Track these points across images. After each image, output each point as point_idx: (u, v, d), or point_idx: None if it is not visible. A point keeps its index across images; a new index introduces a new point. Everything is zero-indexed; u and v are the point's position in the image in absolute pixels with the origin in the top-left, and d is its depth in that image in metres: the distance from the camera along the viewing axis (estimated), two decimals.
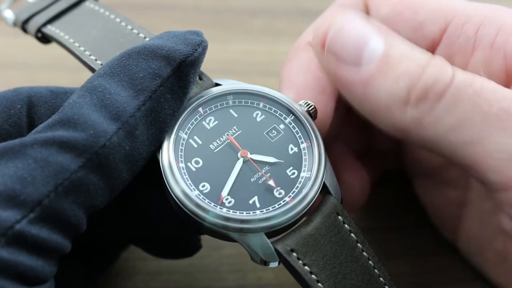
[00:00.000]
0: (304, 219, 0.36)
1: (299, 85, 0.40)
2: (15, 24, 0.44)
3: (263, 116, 0.37)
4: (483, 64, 0.39)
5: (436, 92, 0.36)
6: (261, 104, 0.38)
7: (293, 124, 0.37)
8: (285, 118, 0.38)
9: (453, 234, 0.47)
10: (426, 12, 0.41)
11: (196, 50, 0.35)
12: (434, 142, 0.37)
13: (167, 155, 0.35)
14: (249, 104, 0.38)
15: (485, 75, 0.37)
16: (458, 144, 0.36)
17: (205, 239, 0.41)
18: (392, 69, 0.36)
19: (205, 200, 0.35)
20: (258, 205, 0.35)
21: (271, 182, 0.35)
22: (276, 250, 0.34)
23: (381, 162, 0.50)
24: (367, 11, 0.43)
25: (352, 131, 0.47)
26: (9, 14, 0.44)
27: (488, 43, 0.39)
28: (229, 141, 0.36)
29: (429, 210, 0.49)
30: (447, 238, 0.48)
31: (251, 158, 0.36)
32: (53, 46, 0.43)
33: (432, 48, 0.41)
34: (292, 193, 0.35)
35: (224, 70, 0.59)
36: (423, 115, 0.36)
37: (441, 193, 0.47)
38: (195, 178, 0.35)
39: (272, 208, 0.35)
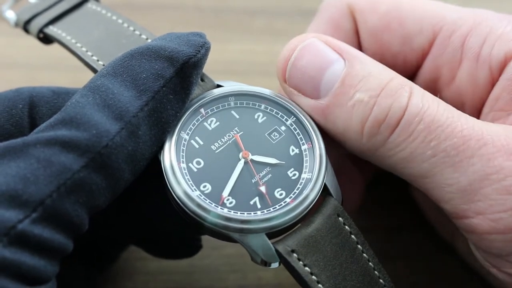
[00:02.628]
0: (304, 220, 0.36)
1: None
2: (17, 24, 0.44)
3: (265, 118, 0.38)
4: (469, 76, 0.40)
5: (388, 125, 0.36)
6: (263, 106, 0.38)
7: (294, 125, 0.38)
8: (286, 120, 0.38)
9: (450, 235, 0.47)
10: (413, 23, 0.41)
11: (199, 51, 0.35)
12: (392, 170, 0.37)
13: (169, 155, 0.35)
14: (250, 105, 0.38)
15: (441, 98, 0.37)
16: (412, 176, 0.37)
17: (206, 239, 0.41)
18: (347, 100, 0.36)
19: (206, 200, 0.35)
20: (259, 206, 0.35)
21: (263, 189, 0.35)
22: (276, 250, 0.34)
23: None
24: (354, 22, 0.43)
25: None
26: (11, 15, 0.44)
27: (474, 55, 0.39)
28: (230, 142, 0.36)
29: (426, 212, 0.49)
30: (445, 239, 0.48)
31: (252, 159, 0.36)
32: (54, 46, 0.43)
33: (421, 59, 0.41)
34: (293, 194, 0.36)
35: (224, 70, 0.59)
36: (377, 147, 0.37)
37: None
38: (197, 178, 0.35)
39: (273, 209, 0.35)
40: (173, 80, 0.34)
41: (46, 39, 0.43)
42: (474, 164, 0.35)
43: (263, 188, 0.35)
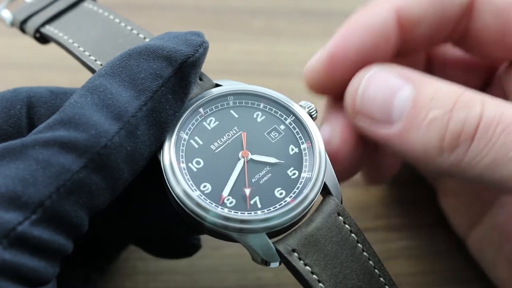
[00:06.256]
0: (305, 219, 0.36)
1: None
2: (13, 24, 0.44)
3: (264, 117, 0.37)
4: None
5: (466, 135, 0.36)
6: (262, 105, 0.38)
7: (293, 124, 0.37)
8: (285, 119, 0.38)
9: (465, 234, 0.47)
10: None
11: (197, 51, 0.35)
12: (477, 179, 0.37)
13: (168, 155, 0.35)
14: (249, 104, 0.38)
15: None
16: (498, 180, 0.36)
17: (205, 239, 0.41)
18: (422, 121, 0.37)
19: (206, 200, 0.35)
20: (259, 206, 0.35)
21: (247, 191, 0.35)
22: (277, 250, 0.34)
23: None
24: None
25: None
26: (6, 14, 0.44)
27: None
28: (230, 141, 0.36)
29: (446, 210, 0.49)
30: (459, 235, 0.48)
31: (251, 159, 0.36)
32: (53, 46, 0.43)
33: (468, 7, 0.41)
34: (293, 194, 0.35)
35: (224, 70, 0.59)
36: (459, 159, 0.37)
37: (461, 200, 0.47)
38: (196, 178, 0.35)
39: (273, 208, 0.35)
40: (171, 79, 0.34)
41: (43, 39, 0.42)
42: None
43: (247, 191, 0.35)
